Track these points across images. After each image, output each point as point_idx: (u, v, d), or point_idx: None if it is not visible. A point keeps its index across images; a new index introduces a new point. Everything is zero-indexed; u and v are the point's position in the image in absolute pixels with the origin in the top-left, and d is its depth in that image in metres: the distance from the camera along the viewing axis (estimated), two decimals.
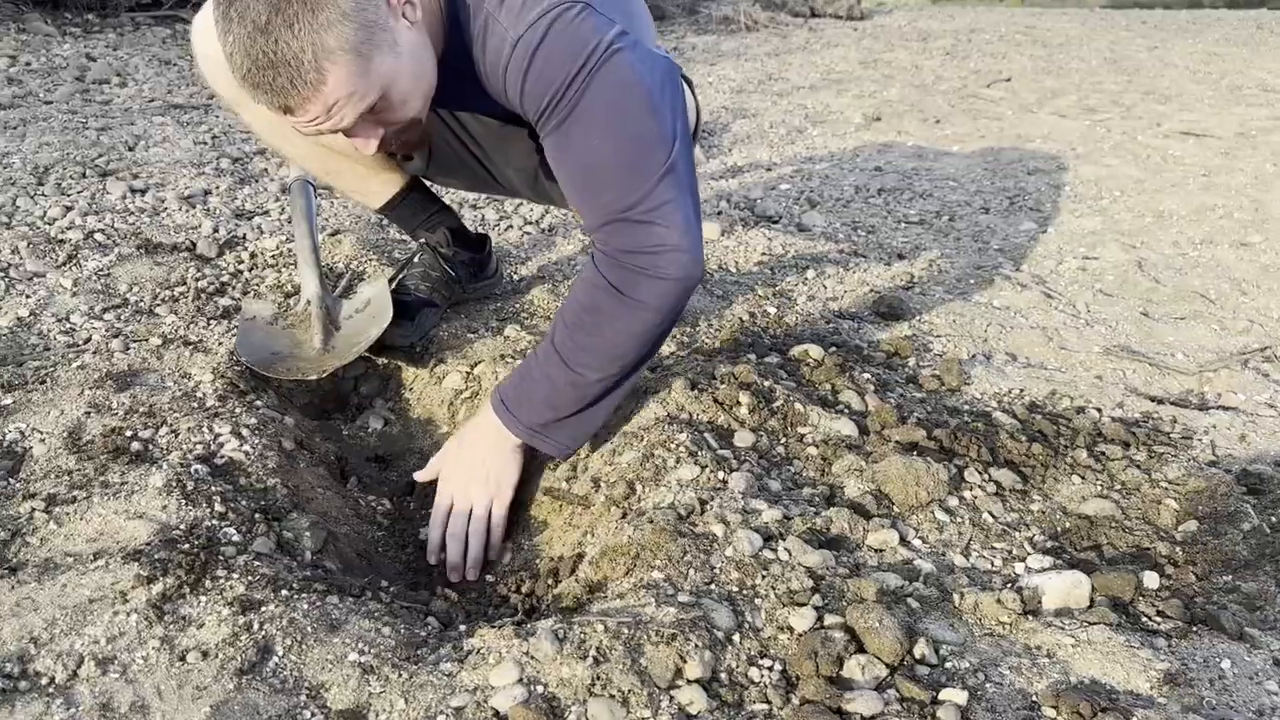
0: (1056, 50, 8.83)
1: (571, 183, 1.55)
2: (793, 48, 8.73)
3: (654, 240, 1.49)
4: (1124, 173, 4.08)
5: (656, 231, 1.49)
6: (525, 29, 1.47)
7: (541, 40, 1.46)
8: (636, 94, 1.48)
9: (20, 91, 4.30)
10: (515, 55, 1.48)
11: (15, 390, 1.75)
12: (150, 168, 3.30)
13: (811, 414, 1.75)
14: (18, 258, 2.38)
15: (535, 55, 1.47)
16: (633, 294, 1.51)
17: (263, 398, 1.83)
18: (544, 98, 1.49)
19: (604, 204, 1.51)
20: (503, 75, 1.52)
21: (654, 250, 1.49)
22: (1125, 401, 1.98)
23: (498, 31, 1.50)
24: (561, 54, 1.46)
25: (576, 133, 1.50)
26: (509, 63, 1.49)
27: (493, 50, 1.52)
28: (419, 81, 1.50)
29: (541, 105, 1.50)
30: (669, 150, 1.50)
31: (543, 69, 1.47)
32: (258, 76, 1.34)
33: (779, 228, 3.24)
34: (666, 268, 1.49)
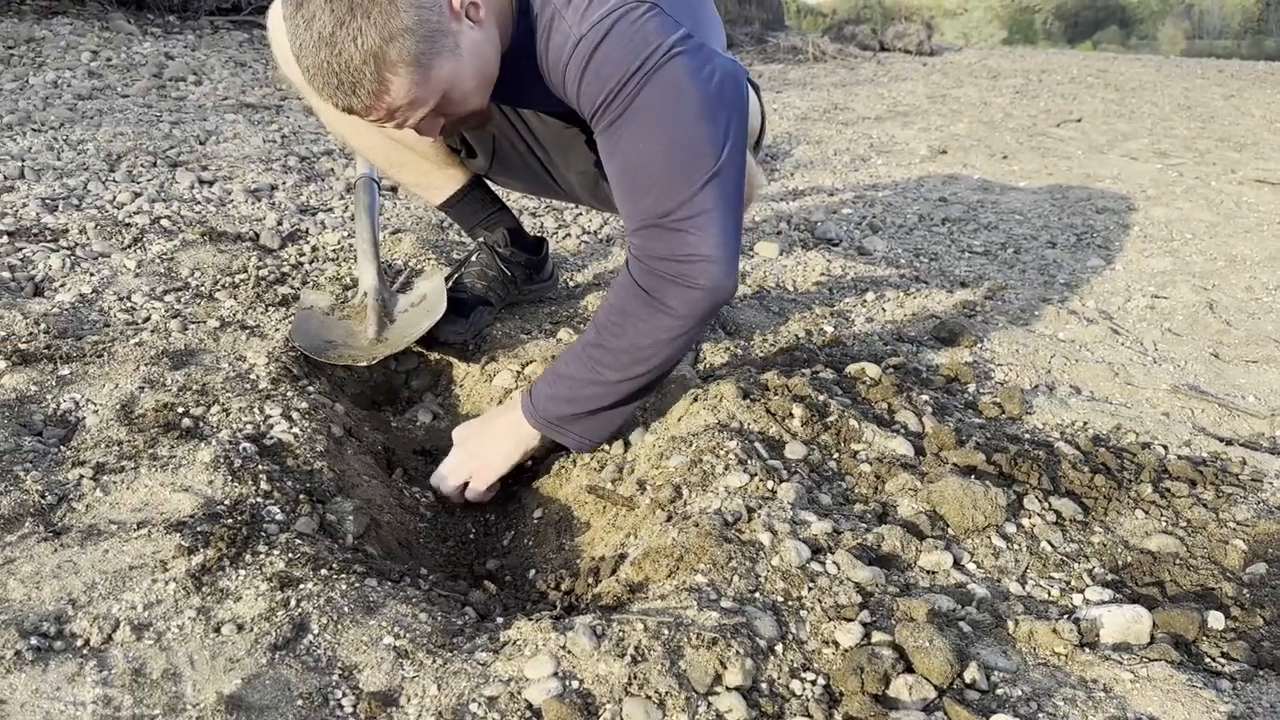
0: (1129, 94, 8.71)
1: (617, 183, 1.55)
2: (860, 79, 8.70)
3: (686, 249, 1.48)
4: (1196, 216, 3.98)
5: (689, 240, 1.47)
6: (589, 28, 1.47)
7: (603, 39, 1.46)
8: (689, 99, 1.47)
9: (100, 84, 4.41)
10: (577, 53, 1.49)
11: (73, 362, 1.77)
12: (219, 161, 3.35)
13: (866, 431, 1.71)
14: (85, 238, 2.42)
15: (595, 53, 1.47)
16: (661, 300, 1.50)
17: (315, 384, 1.83)
18: (599, 96, 1.49)
19: (642, 208, 1.50)
20: (563, 72, 1.52)
21: (685, 259, 1.48)
22: (1193, 440, 1.91)
23: (562, 29, 1.50)
24: (620, 54, 1.46)
25: (626, 133, 1.49)
26: (569, 60, 1.50)
27: (556, 47, 1.52)
28: (480, 77, 1.52)
29: (596, 103, 1.50)
30: (716, 159, 1.48)
31: (600, 67, 1.47)
32: (321, 82, 1.38)
33: (839, 250, 3.20)
34: (696, 277, 1.48)
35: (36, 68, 4.56)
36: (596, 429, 1.65)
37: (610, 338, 1.56)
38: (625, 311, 1.55)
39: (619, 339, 1.56)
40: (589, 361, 1.58)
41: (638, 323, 1.54)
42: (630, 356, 1.56)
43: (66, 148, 3.24)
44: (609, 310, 1.58)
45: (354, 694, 1.07)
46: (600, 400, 1.60)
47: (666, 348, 1.55)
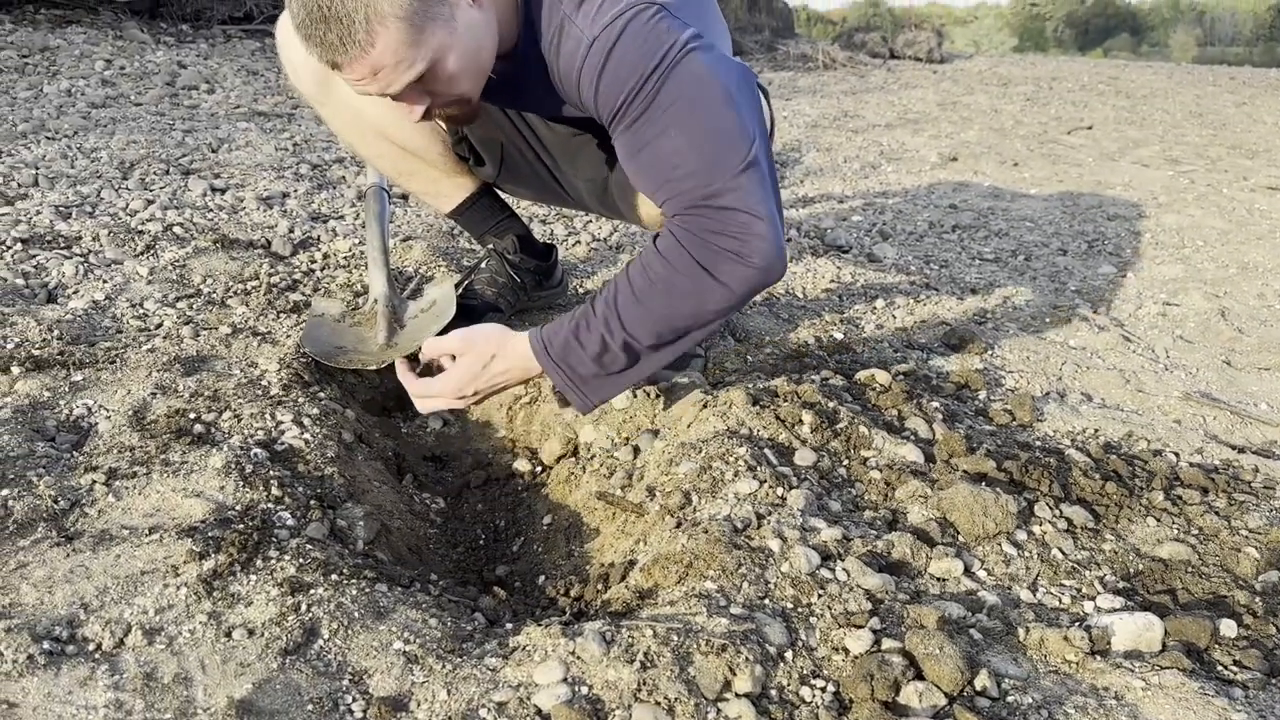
0: (1140, 101, 8.69)
1: (646, 173, 1.53)
2: (870, 87, 8.70)
3: (739, 226, 1.47)
4: (1208, 223, 3.97)
5: (741, 218, 1.47)
6: (600, 30, 1.47)
7: (616, 40, 1.46)
8: (713, 90, 1.47)
9: (113, 93, 4.44)
10: (590, 56, 1.48)
11: (86, 368, 1.78)
12: (231, 169, 3.37)
13: (876, 438, 1.71)
14: (98, 245, 2.43)
15: (610, 56, 1.47)
16: (715, 272, 1.48)
17: (326, 390, 1.84)
18: (618, 97, 1.48)
19: (685, 190, 1.48)
20: (576, 76, 1.52)
21: (740, 236, 1.47)
22: (1205, 448, 1.90)
23: (573, 34, 1.50)
24: (636, 54, 1.46)
25: (650, 130, 1.49)
26: (583, 64, 1.50)
27: (567, 53, 1.52)
28: (472, 60, 1.49)
29: (615, 104, 1.50)
30: (749, 145, 1.48)
31: (616, 69, 1.47)
32: (310, 29, 1.36)
33: (849, 257, 3.20)
34: (752, 255, 1.47)
35: (51, 76, 4.59)
36: (605, 391, 1.62)
37: (652, 304, 1.52)
38: (671, 281, 1.51)
39: (661, 306, 1.52)
40: (622, 326, 1.54)
41: (685, 294, 1.51)
42: (669, 325, 1.54)
43: (80, 155, 3.26)
44: (649, 278, 1.53)
45: (364, 699, 1.08)
46: (622, 363, 1.57)
47: (707, 320, 1.55)
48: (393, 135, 1.98)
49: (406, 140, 2.00)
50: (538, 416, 1.90)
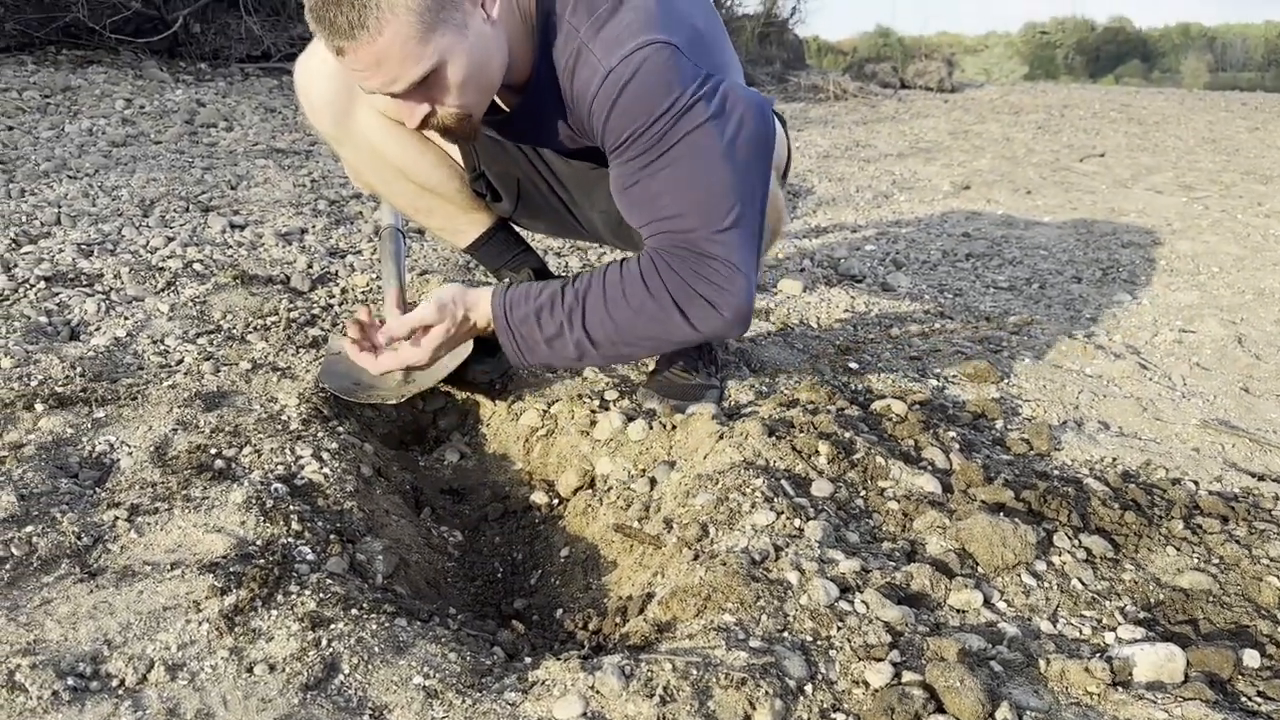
0: (1152, 128, 8.70)
1: (636, 207, 1.62)
2: (881, 117, 8.74)
3: (721, 277, 1.56)
4: (1223, 249, 3.96)
5: (723, 269, 1.56)
6: (618, 61, 1.50)
7: (631, 77, 1.49)
8: (713, 141, 1.53)
9: (133, 131, 4.50)
10: (605, 87, 1.51)
11: (108, 405, 1.80)
12: (250, 205, 3.41)
13: (893, 468, 1.71)
14: (119, 282, 2.46)
15: (624, 91, 1.50)
16: (687, 311, 1.58)
17: (345, 424, 1.85)
18: (625, 131, 1.53)
19: (671, 229, 1.57)
20: (589, 104, 1.55)
21: (720, 285, 1.56)
22: (1224, 476, 1.89)
23: (590, 62, 1.53)
24: (649, 93, 1.50)
25: (648, 169, 1.55)
26: (598, 92, 1.52)
27: (582, 80, 1.55)
28: (478, 72, 1.50)
29: (621, 138, 1.54)
30: (740, 202, 1.55)
31: (628, 105, 1.51)
32: (322, 10, 1.38)
33: (863, 286, 3.20)
34: (725, 306, 1.57)
35: (72, 116, 4.67)
36: (541, 361, 1.71)
37: (619, 315, 1.61)
38: (646, 303, 1.59)
39: (626, 322, 1.62)
40: (583, 322, 1.63)
41: (651, 321, 1.61)
42: (625, 341, 1.64)
43: (101, 194, 3.31)
44: (623, 292, 1.61)
45: None
46: (569, 353, 1.66)
47: (661, 348, 1.68)
48: (411, 173, 2.01)
49: (425, 178, 2.02)
50: (554, 449, 1.91)
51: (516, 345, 1.68)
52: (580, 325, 1.63)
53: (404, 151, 1.98)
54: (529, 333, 1.65)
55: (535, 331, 1.65)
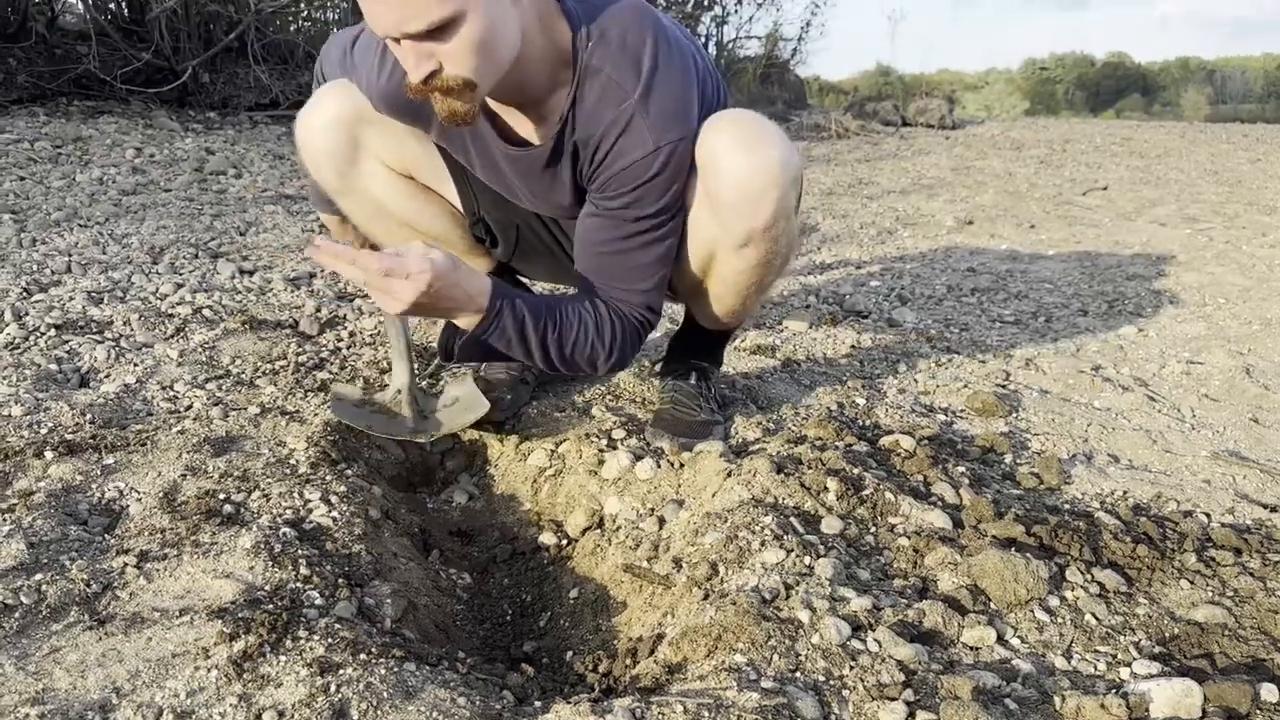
0: (1154, 161, 8.73)
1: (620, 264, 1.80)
2: (884, 154, 8.79)
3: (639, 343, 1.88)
4: (1228, 280, 3.96)
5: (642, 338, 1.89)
6: (660, 146, 1.68)
7: (663, 168, 1.70)
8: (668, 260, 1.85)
9: (143, 180, 4.55)
10: (642, 163, 1.68)
11: (117, 451, 1.81)
12: (259, 251, 3.44)
13: (903, 504, 1.70)
14: (129, 329, 2.48)
15: (655, 178, 1.70)
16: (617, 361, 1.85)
17: (353, 467, 1.85)
18: (639, 202, 1.73)
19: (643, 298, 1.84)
20: (622, 165, 1.69)
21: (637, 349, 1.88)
22: (1236, 507, 1.88)
23: (639, 132, 1.67)
24: (668, 184, 1.72)
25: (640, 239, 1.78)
26: (635, 163, 1.69)
27: (627, 143, 1.67)
28: (492, 40, 1.51)
29: (631, 204, 1.73)
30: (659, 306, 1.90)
31: (648, 190, 1.71)
32: None
33: (869, 322, 3.21)
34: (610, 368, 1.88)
35: (83, 165, 4.72)
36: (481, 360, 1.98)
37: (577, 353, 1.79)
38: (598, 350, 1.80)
39: (576, 355, 1.79)
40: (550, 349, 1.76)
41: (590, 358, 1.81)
42: (563, 364, 1.80)
43: (111, 242, 3.34)
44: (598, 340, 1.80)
45: None
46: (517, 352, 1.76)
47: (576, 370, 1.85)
48: (414, 223, 2.03)
49: (427, 227, 2.05)
50: (562, 489, 1.91)
51: (473, 350, 1.74)
52: (541, 353, 1.76)
53: (407, 202, 2.01)
54: (500, 347, 1.74)
55: (508, 348, 1.74)
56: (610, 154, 1.69)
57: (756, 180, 1.70)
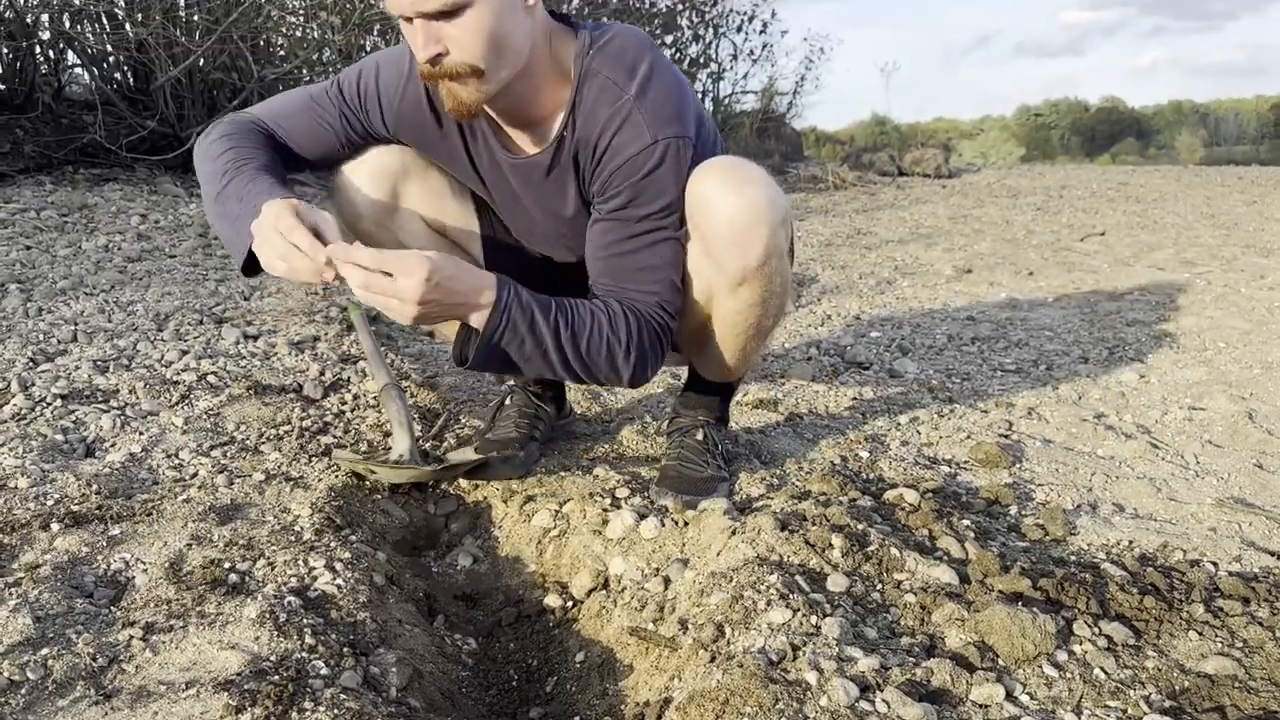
0: (1151, 205, 8.80)
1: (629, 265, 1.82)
2: (881, 204, 8.87)
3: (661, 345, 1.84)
4: (1228, 324, 3.98)
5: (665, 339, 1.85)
6: (658, 141, 1.74)
7: (661, 161, 1.75)
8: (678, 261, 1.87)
9: (148, 246, 4.60)
10: (641, 155, 1.73)
11: (123, 521, 1.81)
12: (264, 315, 3.46)
13: (909, 560, 1.70)
14: (134, 397, 2.50)
15: (655, 171, 1.74)
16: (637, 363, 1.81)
17: (357, 532, 1.86)
18: (641, 200, 1.77)
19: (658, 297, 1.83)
20: (621, 159, 1.75)
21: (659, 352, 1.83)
22: (1243, 555, 1.88)
23: (637, 125, 1.74)
24: (670, 180, 1.76)
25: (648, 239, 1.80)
26: (634, 157, 1.74)
27: (625, 137, 1.75)
28: (499, 31, 1.62)
29: (632, 202, 1.77)
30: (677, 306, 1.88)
31: (650, 184, 1.75)
32: None
33: (870, 374, 3.22)
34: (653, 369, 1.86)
35: (89, 233, 4.77)
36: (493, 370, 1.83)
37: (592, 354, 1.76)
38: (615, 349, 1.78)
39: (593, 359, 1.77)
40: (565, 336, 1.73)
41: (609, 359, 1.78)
42: (577, 368, 1.77)
43: (117, 309, 3.37)
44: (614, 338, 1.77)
45: None
46: (533, 354, 1.73)
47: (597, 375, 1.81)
48: None
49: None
50: (567, 550, 1.91)
51: (488, 356, 1.71)
52: (557, 353, 1.73)
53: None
54: (514, 349, 1.72)
55: (521, 349, 1.72)
56: (609, 149, 1.76)
57: (745, 216, 1.76)
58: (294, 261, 1.57)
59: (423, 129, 1.91)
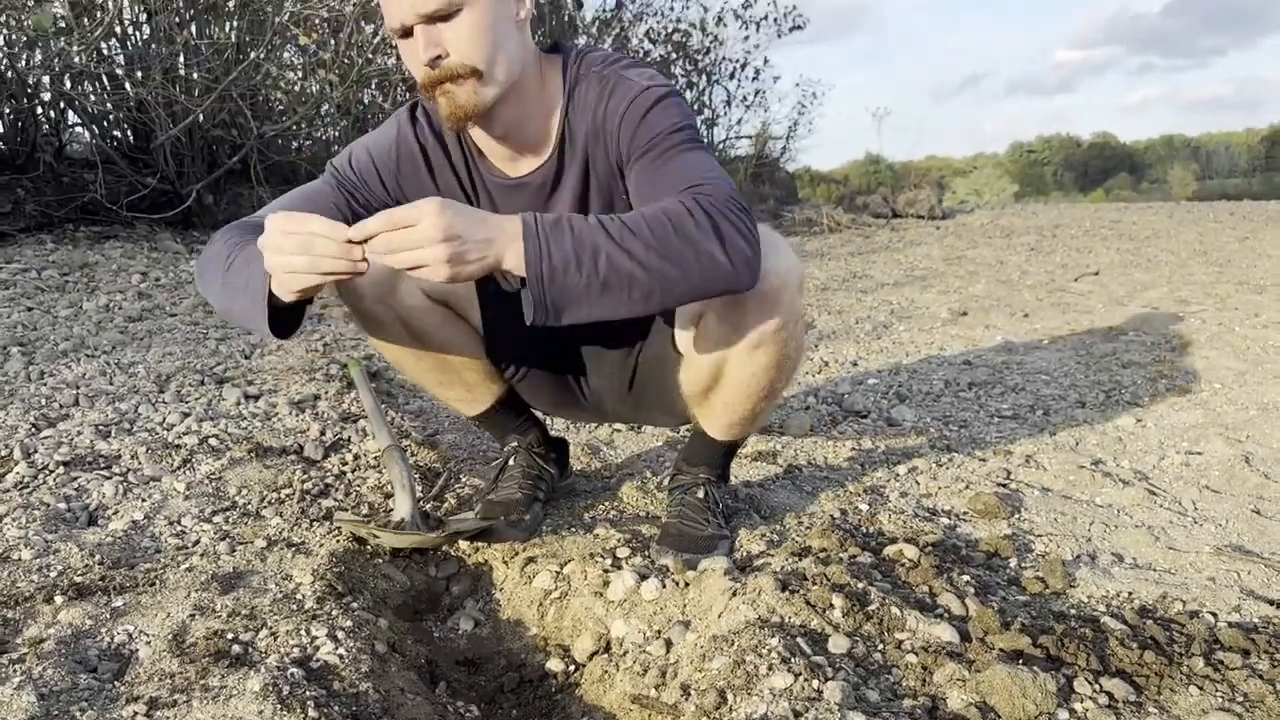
0: (1144, 243, 8.86)
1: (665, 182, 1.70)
2: (876, 247, 8.93)
3: (740, 222, 1.60)
4: (1223, 364, 4.00)
5: (740, 216, 1.61)
6: (652, 84, 1.79)
7: (661, 98, 1.78)
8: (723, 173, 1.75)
9: (149, 305, 4.63)
10: (641, 97, 1.77)
11: (126, 593, 1.82)
12: (264, 374, 3.49)
13: (909, 618, 1.70)
14: (137, 463, 2.51)
15: (656, 104, 1.77)
16: (721, 235, 1.55)
17: (359, 599, 1.86)
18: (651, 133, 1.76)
19: (701, 189, 1.64)
20: (622, 112, 1.78)
21: (740, 225, 1.59)
22: (1242, 605, 1.88)
23: (627, 84, 1.79)
24: (673, 111, 1.77)
25: (672, 154, 1.74)
26: (634, 100, 1.77)
27: (618, 97, 1.80)
28: (495, 35, 1.70)
29: (648, 138, 1.76)
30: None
31: (658, 115, 1.76)
32: None
33: (868, 422, 3.24)
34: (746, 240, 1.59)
35: (90, 293, 4.81)
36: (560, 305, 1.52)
37: (650, 233, 1.53)
38: (680, 223, 1.54)
39: (656, 238, 1.52)
40: (609, 234, 1.52)
41: (683, 242, 1.53)
42: (659, 256, 1.52)
43: (119, 371, 3.39)
44: (660, 214, 1.55)
45: None
46: (593, 275, 1.50)
47: (691, 276, 1.55)
48: (442, 345, 2.13)
49: (456, 350, 2.14)
50: (568, 612, 1.91)
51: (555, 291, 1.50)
52: (608, 237, 1.51)
53: (438, 330, 2.08)
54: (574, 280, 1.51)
55: (581, 275, 1.50)
56: (605, 117, 1.80)
57: (770, 281, 1.74)
58: (316, 249, 1.46)
59: (420, 182, 1.95)
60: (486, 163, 1.94)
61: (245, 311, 1.67)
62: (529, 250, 1.49)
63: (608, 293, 1.52)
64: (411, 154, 1.94)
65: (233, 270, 1.70)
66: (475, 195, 1.98)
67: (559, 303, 1.52)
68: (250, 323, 1.66)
